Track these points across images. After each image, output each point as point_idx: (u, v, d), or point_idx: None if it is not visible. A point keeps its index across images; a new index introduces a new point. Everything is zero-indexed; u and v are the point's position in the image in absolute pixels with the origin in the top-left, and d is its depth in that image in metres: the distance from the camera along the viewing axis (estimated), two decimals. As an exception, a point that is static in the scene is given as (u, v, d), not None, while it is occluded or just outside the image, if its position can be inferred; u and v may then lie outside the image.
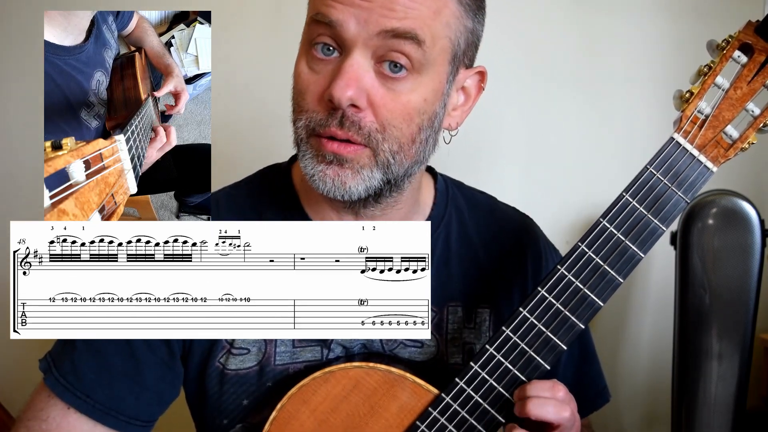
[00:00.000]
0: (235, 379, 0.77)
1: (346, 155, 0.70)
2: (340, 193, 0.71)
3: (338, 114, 0.69)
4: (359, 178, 0.71)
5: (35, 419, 0.73)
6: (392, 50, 0.68)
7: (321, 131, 0.70)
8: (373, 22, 0.67)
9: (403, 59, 0.68)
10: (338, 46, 0.69)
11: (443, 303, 0.82)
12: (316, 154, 0.71)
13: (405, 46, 0.68)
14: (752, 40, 0.69)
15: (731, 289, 1.16)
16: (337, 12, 0.67)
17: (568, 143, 1.50)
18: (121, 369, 0.74)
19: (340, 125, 0.69)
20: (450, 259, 0.83)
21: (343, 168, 0.70)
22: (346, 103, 0.68)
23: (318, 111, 0.70)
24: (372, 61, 0.69)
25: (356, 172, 0.71)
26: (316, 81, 0.70)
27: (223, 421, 0.78)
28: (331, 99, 0.67)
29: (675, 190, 0.70)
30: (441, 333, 0.81)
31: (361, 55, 0.68)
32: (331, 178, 0.70)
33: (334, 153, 0.70)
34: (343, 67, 0.67)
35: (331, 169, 0.70)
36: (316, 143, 0.71)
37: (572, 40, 1.48)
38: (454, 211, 0.86)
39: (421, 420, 0.70)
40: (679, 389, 1.21)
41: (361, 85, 0.68)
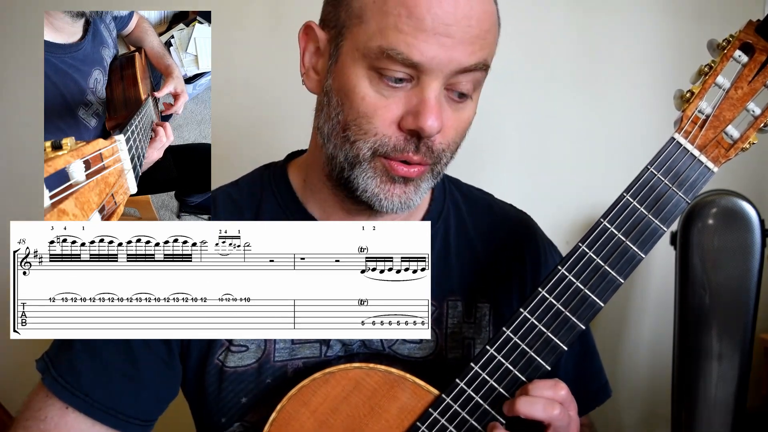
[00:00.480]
0: (234, 377, 0.77)
1: (414, 176, 0.73)
2: (404, 208, 0.74)
3: (414, 140, 0.70)
4: (420, 192, 0.75)
5: (33, 419, 0.73)
6: (464, 80, 0.71)
7: (394, 155, 0.71)
8: (456, 60, 0.68)
9: (469, 87, 0.72)
10: (412, 76, 0.70)
11: (443, 297, 0.82)
12: (382, 174, 0.72)
13: (476, 75, 0.72)
14: (753, 40, 0.69)
15: (731, 289, 1.16)
16: (421, 53, 0.67)
17: (568, 143, 1.50)
18: (119, 368, 0.74)
19: (417, 150, 0.71)
20: (449, 253, 0.84)
21: (408, 186, 0.73)
22: (436, 133, 0.70)
23: (389, 136, 0.70)
24: (443, 87, 0.71)
25: (418, 187, 0.74)
26: (386, 106, 0.70)
27: (221, 419, 0.78)
28: (420, 131, 0.69)
29: (675, 191, 0.69)
30: (440, 328, 0.82)
31: (439, 86, 0.70)
32: (398, 197, 0.73)
33: (404, 176, 0.72)
34: (427, 99, 0.69)
35: (398, 188, 0.73)
36: (384, 165, 0.72)
37: (572, 40, 1.48)
38: (452, 206, 0.87)
39: (421, 421, 0.70)
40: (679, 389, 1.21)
41: (441, 113, 0.70)
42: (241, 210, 0.81)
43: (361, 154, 0.71)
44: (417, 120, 0.69)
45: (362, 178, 0.72)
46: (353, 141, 0.71)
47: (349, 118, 0.71)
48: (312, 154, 0.82)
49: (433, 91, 0.69)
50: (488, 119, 1.46)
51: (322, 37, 0.75)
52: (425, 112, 0.68)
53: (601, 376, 0.90)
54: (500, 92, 1.46)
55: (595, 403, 0.89)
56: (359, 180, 0.73)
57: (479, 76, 0.72)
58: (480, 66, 0.71)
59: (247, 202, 0.82)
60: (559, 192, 1.50)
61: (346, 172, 0.73)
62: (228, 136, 1.41)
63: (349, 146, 0.72)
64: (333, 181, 0.77)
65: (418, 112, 0.69)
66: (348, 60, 0.71)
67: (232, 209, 0.81)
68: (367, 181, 0.72)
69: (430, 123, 0.68)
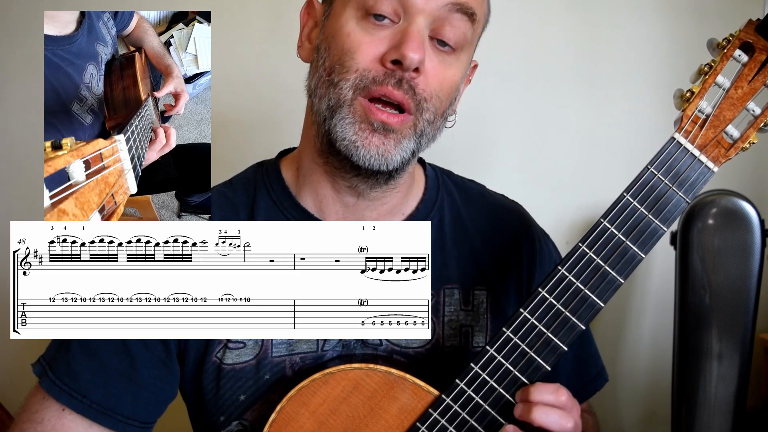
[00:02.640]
0: (232, 374, 0.77)
1: (394, 125, 0.72)
2: (382, 162, 0.73)
3: (397, 75, 0.70)
4: (400, 148, 0.73)
5: (30, 422, 0.73)
6: (449, 25, 0.71)
7: (374, 88, 0.71)
8: None
9: (454, 36, 0.72)
10: (397, 15, 0.71)
11: (439, 285, 0.82)
12: (361, 120, 0.72)
13: (461, 23, 0.72)
14: (753, 39, 0.69)
15: (731, 289, 1.15)
16: None
17: (568, 143, 1.50)
18: (117, 368, 0.74)
19: (399, 86, 0.71)
20: (444, 242, 0.84)
21: (387, 137, 0.72)
22: (416, 65, 0.70)
23: (373, 69, 0.71)
24: (428, 31, 0.71)
25: (398, 141, 0.73)
26: (370, 42, 0.71)
27: (220, 417, 0.78)
28: (401, 59, 0.69)
29: (676, 191, 0.69)
30: (438, 316, 0.82)
31: (424, 24, 0.71)
32: (376, 147, 0.72)
33: (383, 122, 0.71)
34: (410, 32, 0.70)
35: (376, 137, 0.72)
36: (363, 108, 0.72)
37: (572, 40, 1.48)
38: (446, 195, 0.87)
39: (421, 421, 0.70)
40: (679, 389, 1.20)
41: (424, 50, 0.71)
42: (236, 208, 0.81)
43: (342, 95, 0.72)
44: (399, 49, 0.69)
45: (341, 124, 0.72)
46: (336, 82, 0.72)
47: (334, 59, 0.72)
48: (304, 138, 0.82)
49: (417, 26, 0.70)
50: (488, 119, 1.46)
51: (320, 9, 0.77)
52: (407, 41, 0.69)
53: (598, 360, 0.91)
54: (500, 92, 1.47)
55: (594, 387, 0.90)
56: (338, 127, 0.72)
57: (465, 27, 0.73)
58: (466, 8, 0.71)
59: (242, 200, 0.82)
60: (559, 192, 1.50)
61: (327, 122, 0.73)
62: (228, 136, 1.41)
63: (333, 90, 0.72)
64: (324, 156, 0.77)
65: (401, 42, 0.70)
66: (338, 8, 0.73)
67: (227, 208, 0.82)
68: (345, 128, 0.72)
69: (412, 53, 0.69)
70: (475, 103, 0.84)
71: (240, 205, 0.82)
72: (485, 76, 0.97)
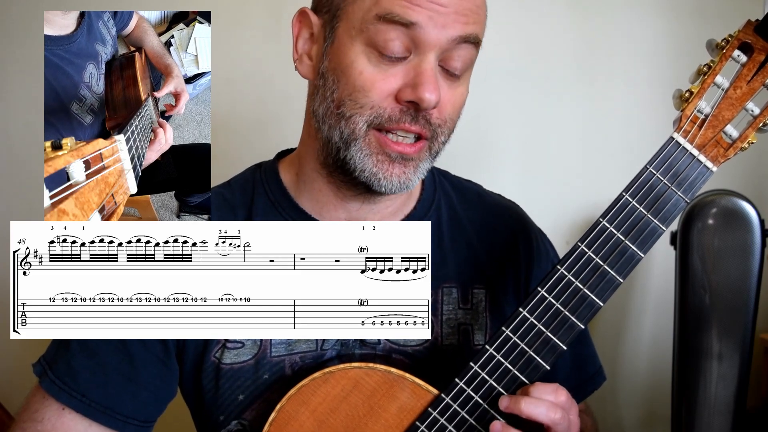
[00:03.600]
0: (231, 374, 0.77)
1: (412, 154, 0.73)
2: (403, 188, 0.74)
3: (411, 111, 0.71)
4: (419, 172, 0.75)
5: (30, 421, 0.73)
6: (457, 54, 0.72)
7: (390, 126, 0.71)
8: (451, 27, 0.70)
9: (461, 63, 0.72)
10: (408, 50, 0.70)
11: (437, 284, 0.82)
12: (378, 152, 0.72)
13: (467, 51, 0.72)
14: (752, 40, 0.69)
15: (731, 289, 1.15)
16: (416, 14, 0.69)
17: (567, 143, 1.50)
18: (116, 368, 0.74)
19: (415, 121, 0.71)
20: (442, 240, 0.84)
21: (407, 166, 0.73)
22: (434, 105, 0.70)
23: (387, 108, 0.71)
24: (438, 61, 0.72)
25: (416, 167, 0.74)
26: (384, 79, 0.71)
27: (220, 417, 0.78)
28: (419, 102, 0.70)
29: (675, 190, 0.70)
30: (436, 314, 0.82)
31: (435, 58, 0.71)
32: (398, 177, 0.73)
33: (400, 153, 0.72)
34: (425, 71, 0.70)
35: (396, 167, 0.73)
36: (379, 141, 0.72)
37: (572, 39, 1.48)
38: (443, 195, 0.88)
39: (420, 420, 0.70)
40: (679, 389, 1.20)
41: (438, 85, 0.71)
42: (234, 209, 0.82)
43: (357, 129, 0.72)
44: (416, 91, 0.70)
45: (359, 156, 0.73)
46: (349, 116, 0.72)
47: (344, 94, 0.72)
48: (304, 145, 0.82)
49: (429, 63, 0.70)
50: (488, 119, 1.46)
51: (316, 22, 0.76)
52: (424, 83, 0.69)
53: (595, 359, 0.91)
54: (500, 92, 1.47)
55: (592, 386, 0.90)
56: (356, 159, 0.73)
57: (471, 54, 0.73)
58: (473, 39, 0.72)
59: (240, 201, 0.82)
60: (559, 192, 1.50)
61: (342, 153, 0.73)
62: (228, 136, 1.41)
63: (344, 123, 0.72)
64: (328, 168, 0.77)
65: (416, 83, 0.70)
66: (345, 39, 0.72)
67: (224, 208, 0.82)
68: (364, 160, 0.73)
69: (429, 94, 0.69)
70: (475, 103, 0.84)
71: (238, 205, 0.82)
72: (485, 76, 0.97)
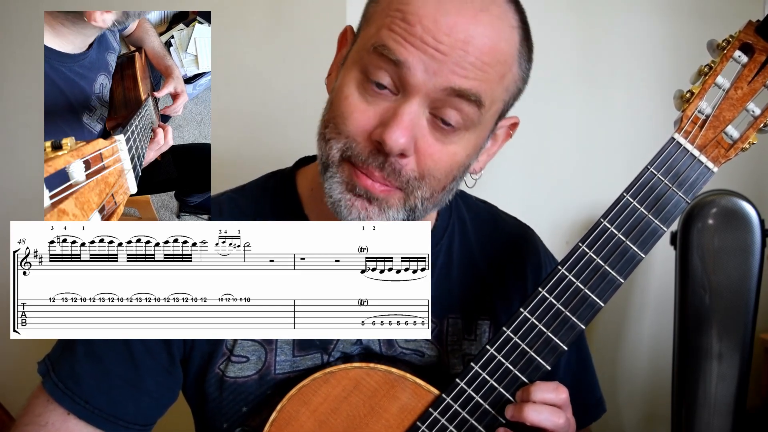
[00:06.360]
0: (234, 387, 0.77)
1: (378, 195, 0.69)
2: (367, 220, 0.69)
3: (381, 156, 0.67)
4: (384, 216, 0.69)
5: (33, 424, 0.73)
6: (451, 107, 0.66)
7: (359, 165, 0.68)
8: (443, 76, 0.65)
9: (457, 118, 0.67)
10: (396, 88, 0.67)
11: (443, 315, 0.81)
12: (347, 182, 0.69)
13: (465, 106, 0.66)
14: (753, 40, 0.69)
15: (731, 289, 1.16)
16: (407, 53, 0.65)
17: (568, 143, 1.50)
18: (120, 374, 0.74)
19: (381, 168, 0.67)
20: (451, 270, 0.83)
21: (371, 204, 0.69)
22: (398, 152, 0.66)
23: (359, 143, 0.67)
24: (427, 110, 0.67)
25: (383, 210, 0.69)
26: (364, 111, 0.67)
27: (224, 424, 0.78)
28: (382, 143, 0.65)
29: (675, 191, 0.70)
30: (442, 344, 0.81)
31: (419, 104, 0.66)
32: (358, 211, 0.69)
33: (366, 189, 0.68)
34: (400, 114, 0.65)
35: (359, 201, 0.69)
36: (349, 171, 0.69)
37: (572, 40, 1.48)
38: (457, 221, 0.86)
39: (421, 421, 0.70)
40: (679, 389, 1.20)
41: (413, 133, 0.66)
42: (245, 215, 0.80)
43: (331, 155, 0.69)
44: (383, 131, 0.65)
45: (330, 182, 0.70)
46: (328, 139, 0.70)
47: (329, 117, 0.70)
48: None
49: (409, 106, 0.66)
50: (488, 119, 1.46)
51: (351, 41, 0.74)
52: (393, 124, 0.65)
53: (597, 390, 0.91)
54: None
55: (591, 418, 0.89)
56: (327, 184, 0.70)
57: (470, 111, 0.67)
58: (469, 96, 0.66)
59: (251, 210, 0.81)
60: (559, 192, 1.50)
61: (322, 175, 0.71)
62: (228, 136, 1.40)
63: (324, 145, 0.70)
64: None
65: (386, 123, 0.66)
66: (350, 62, 0.70)
67: (236, 215, 0.81)
68: (333, 186, 0.70)
69: (394, 137, 0.64)
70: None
71: (249, 213, 0.81)
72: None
